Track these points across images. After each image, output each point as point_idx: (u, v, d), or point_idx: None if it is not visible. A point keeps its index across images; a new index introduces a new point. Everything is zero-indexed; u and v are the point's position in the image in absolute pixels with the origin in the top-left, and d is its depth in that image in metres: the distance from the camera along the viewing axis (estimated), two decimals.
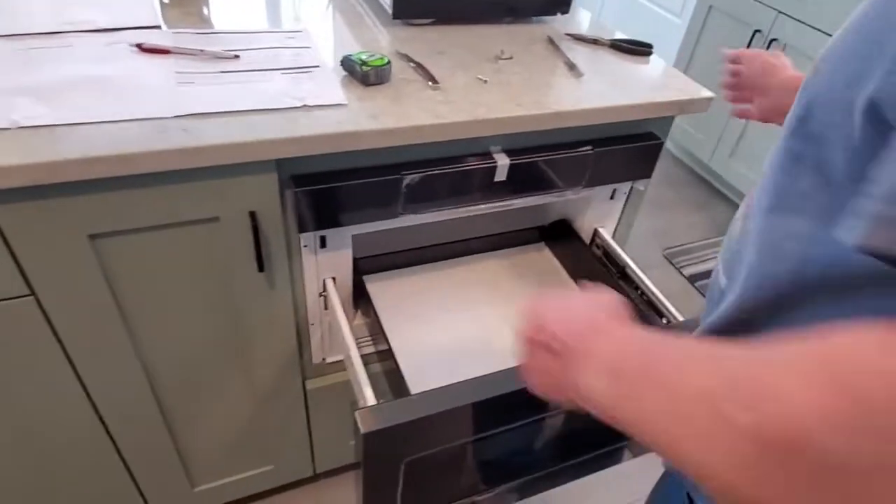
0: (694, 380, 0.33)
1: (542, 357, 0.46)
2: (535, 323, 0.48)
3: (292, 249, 0.83)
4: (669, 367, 0.35)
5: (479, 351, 0.92)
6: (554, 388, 0.46)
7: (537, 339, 0.47)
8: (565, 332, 0.44)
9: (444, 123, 0.76)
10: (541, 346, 0.46)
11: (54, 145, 0.62)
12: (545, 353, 0.46)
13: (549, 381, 0.47)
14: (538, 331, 0.47)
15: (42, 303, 0.72)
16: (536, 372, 0.48)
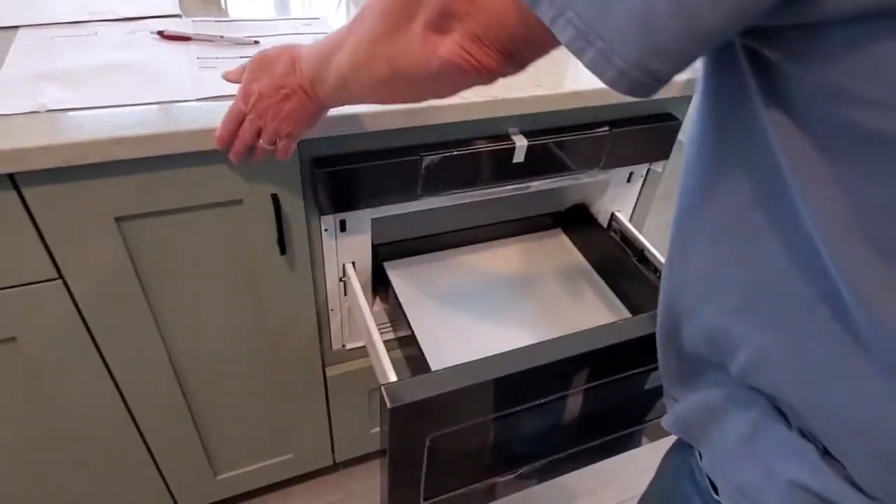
0: None
1: (283, 108, 0.59)
2: (256, 90, 0.60)
3: (313, 233, 0.84)
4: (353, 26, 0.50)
5: (500, 335, 0.92)
6: (303, 118, 0.61)
7: (269, 103, 0.60)
8: (281, 80, 0.58)
9: (464, 103, 0.76)
10: (275, 103, 0.59)
11: (82, 127, 0.63)
12: (282, 104, 0.59)
13: (298, 117, 0.60)
14: (263, 98, 0.60)
15: (70, 286, 0.73)
16: (287, 121, 0.60)
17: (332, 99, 0.57)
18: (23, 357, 0.77)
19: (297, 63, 0.57)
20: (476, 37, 0.39)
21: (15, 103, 0.65)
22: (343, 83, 0.52)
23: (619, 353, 0.69)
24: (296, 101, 0.58)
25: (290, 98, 0.58)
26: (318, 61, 0.54)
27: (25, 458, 0.89)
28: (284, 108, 0.59)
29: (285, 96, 0.58)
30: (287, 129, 0.61)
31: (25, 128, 0.62)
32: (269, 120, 0.60)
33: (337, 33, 0.52)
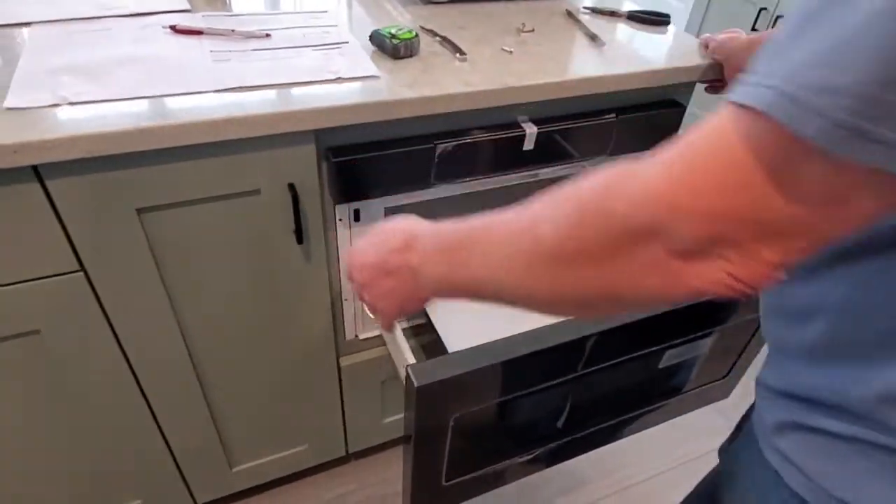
0: (510, 220, 0.42)
1: (382, 285, 0.54)
2: (357, 266, 0.56)
3: (328, 223, 0.85)
4: (482, 226, 0.44)
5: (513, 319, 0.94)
6: (401, 301, 0.54)
7: (369, 277, 0.55)
8: (386, 256, 0.53)
9: (476, 91, 0.77)
10: (375, 279, 0.54)
11: (104, 118, 0.64)
12: (382, 281, 0.54)
13: (394, 298, 0.54)
14: (363, 269, 0.55)
15: (91, 278, 0.74)
16: (383, 299, 0.55)
17: (443, 292, 0.49)
18: (45, 349, 0.78)
19: (413, 242, 0.51)
20: (757, 254, 0.32)
21: (35, 96, 0.66)
22: (477, 287, 0.45)
23: (635, 331, 0.71)
24: (396, 281, 0.52)
25: (391, 276, 0.53)
26: (440, 251, 0.48)
27: (45, 447, 0.90)
28: (384, 285, 0.54)
29: (387, 273, 0.53)
30: (382, 305, 0.56)
31: (47, 120, 0.63)
32: (366, 293, 0.56)
33: (466, 225, 0.45)
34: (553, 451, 0.85)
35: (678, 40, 0.99)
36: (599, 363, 0.73)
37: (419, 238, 0.51)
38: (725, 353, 0.88)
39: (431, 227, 0.51)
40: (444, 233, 0.48)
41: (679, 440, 1.44)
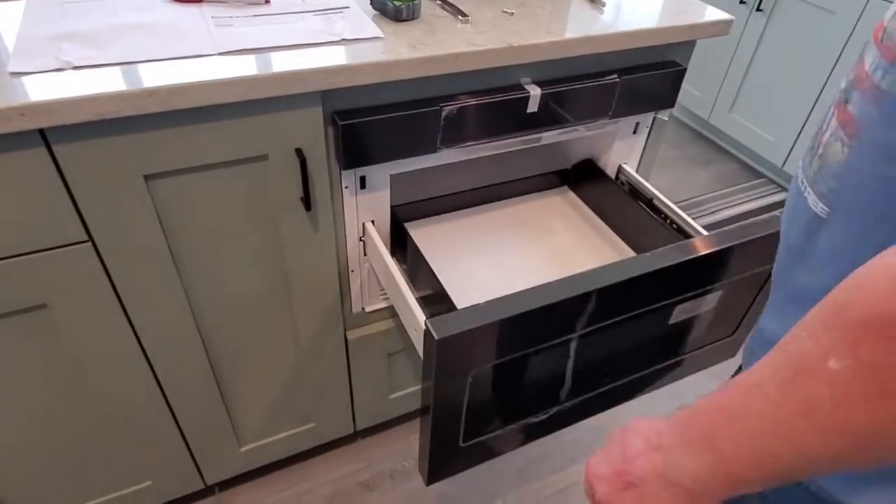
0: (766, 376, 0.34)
1: (625, 501, 0.43)
2: (595, 480, 0.46)
3: (334, 190, 0.85)
4: (734, 395, 0.36)
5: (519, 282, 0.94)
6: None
7: (609, 491, 0.44)
8: (623, 464, 0.43)
9: (480, 51, 0.77)
10: (615, 493, 0.44)
11: (108, 81, 0.63)
12: (624, 496, 0.43)
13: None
14: (603, 484, 0.45)
15: (99, 248, 0.73)
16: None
17: (712, 493, 0.38)
18: (53, 324, 0.77)
19: (658, 438, 0.41)
20: None
21: (39, 62, 0.65)
22: (758, 466, 0.34)
23: (645, 285, 0.71)
24: (641, 493, 0.41)
25: (633, 489, 0.42)
26: (692, 438, 0.38)
27: (53, 425, 0.89)
28: (623, 500, 0.43)
29: (627, 485, 0.43)
30: None
31: (53, 84, 0.62)
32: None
33: (711, 397, 0.37)
34: (566, 412, 0.86)
35: (676, 2, 0.99)
36: (612, 317, 0.73)
37: (661, 434, 0.41)
38: (732, 310, 0.89)
39: (669, 419, 0.41)
40: (691, 418, 0.39)
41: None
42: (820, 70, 1.86)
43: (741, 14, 2.05)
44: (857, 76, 0.41)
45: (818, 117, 1.90)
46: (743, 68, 2.11)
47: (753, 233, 0.75)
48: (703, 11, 0.95)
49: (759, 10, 1.99)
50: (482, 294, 0.67)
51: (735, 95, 2.17)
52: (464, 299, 0.84)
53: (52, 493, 0.97)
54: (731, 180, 2.23)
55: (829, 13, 1.80)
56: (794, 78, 1.95)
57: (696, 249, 0.73)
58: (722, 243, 0.74)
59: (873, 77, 0.38)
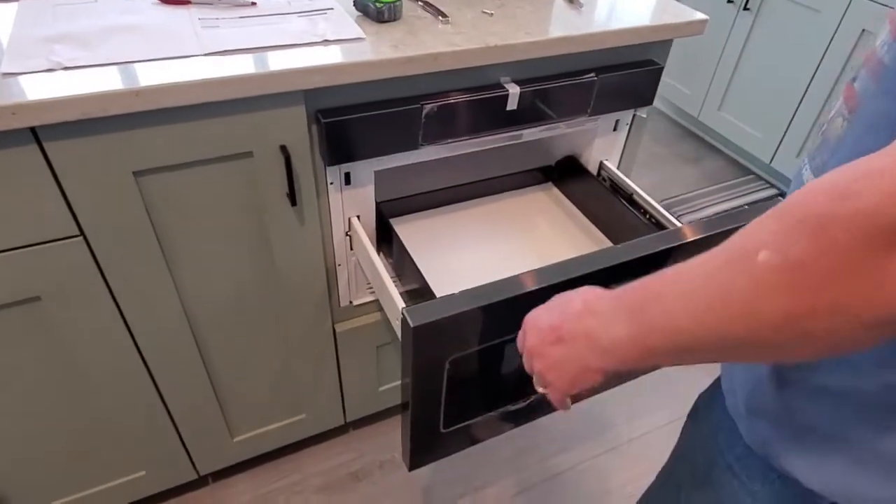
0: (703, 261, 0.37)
1: (551, 353, 0.48)
2: (531, 329, 0.50)
3: (320, 186, 0.87)
4: (670, 276, 0.39)
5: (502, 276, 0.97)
6: (574, 373, 0.47)
7: (539, 342, 0.49)
8: (560, 320, 0.47)
9: (459, 51, 0.80)
10: (545, 345, 0.48)
11: (99, 81, 0.66)
12: (552, 349, 0.48)
13: (565, 370, 0.47)
14: (535, 334, 0.49)
15: (90, 243, 0.76)
16: (552, 370, 0.48)
17: (631, 360, 0.42)
18: (46, 316, 0.79)
19: (593, 304, 0.45)
20: None
21: (30, 63, 0.67)
22: (678, 343, 0.38)
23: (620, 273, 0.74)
24: (569, 349, 0.46)
25: (563, 344, 0.47)
26: (626, 310, 0.42)
27: (47, 417, 0.92)
28: (553, 353, 0.48)
29: (557, 339, 0.47)
30: (551, 378, 0.49)
31: (44, 84, 0.65)
32: (536, 362, 0.50)
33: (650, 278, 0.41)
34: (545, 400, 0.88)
35: (653, 2, 1.02)
36: None
37: (600, 300, 0.45)
38: None
39: (613, 290, 0.45)
40: (627, 291, 0.43)
41: (665, 401, 1.48)
42: (806, 68, 1.88)
43: (729, 13, 2.08)
44: (868, 55, 0.43)
45: (805, 114, 1.92)
46: (731, 67, 2.13)
47: (722, 225, 0.78)
48: (679, 11, 0.98)
49: (747, 9, 2.01)
50: (463, 286, 0.69)
51: (724, 93, 2.20)
52: (446, 293, 0.87)
53: (47, 482, 1.00)
54: (719, 177, 2.25)
55: (814, 12, 1.83)
56: (781, 76, 1.98)
57: (666, 241, 0.76)
58: (693, 235, 0.77)
59: (879, 52, 0.41)
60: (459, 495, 1.26)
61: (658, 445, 1.39)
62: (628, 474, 1.32)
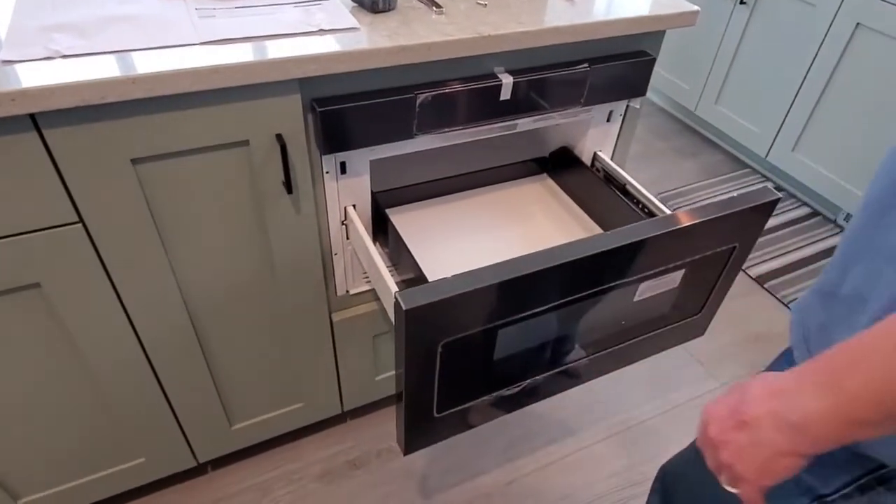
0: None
1: (736, 440, 0.45)
2: (710, 419, 0.48)
3: (315, 175, 0.89)
4: (857, 343, 0.38)
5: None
6: (762, 460, 0.44)
7: (720, 429, 0.46)
8: (739, 403, 0.45)
9: (452, 40, 0.81)
10: (727, 431, 0.46)
11: (97, 69, 0.67)
12: (736, 435, 0.45)
13: (756, 455, 0.44)
14: (716, 423, 0.47)
15: (89, 229, 0.77)
16: (739, 459, 0.45)
17: (830, 436, 0.39)
18: (46, 302, 0.81)
19: (777, 385, 0.43)
20: None
21: (29, 51, 0.68)
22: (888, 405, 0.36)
23: (609, 261, 0.75)
24: (752, 432, 0.43)
25: (745, 428, 0.44)
26: (817, 382, 0.40)
27: (47, 405, 0.93)
28: (736, 440, 0.45)
29: (739, 423, 0.44)
30: (740, 468, 0.45)
31: (43, 71, 0.66)
32: (720, 453, 0.47)
33: (846, 344, 0.39)
34: (538, 385, 0.90)
35: None
36: (576, 292, 0.77)
37: (779, 379, 0.43)
38: (697, 289, 0.93)
39: (790, 371, 0.43)
40: (808, 366, 0.41)
41: (661, 389, 1.49)
42: (801, 61, 1.89)
43: (725, 7, 2.09)
44: None
45: (800, 109, 1.93)
46: (728, 61, 2.14)
47: (712, 213, 0.79)
48: (671, 2, 0.99)
49: (743, 2, 2.02)
50: (456, 272, 0.70)
51: (720, 87, 2.21)
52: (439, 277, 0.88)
53: (47, 469, 1.01)
54: (716, 171, 2.26)
55: (809, 5, 1.83)
56: (777, 69, 1.99)
57: (656, 227, 0.77)
58: (682, 222, 0.78)
59: None
60: (455, 483, 1.28)
61: (649, 436, 1.40)
62: (620, 464, 1.34)
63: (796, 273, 1.83)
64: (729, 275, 0.94)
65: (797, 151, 2.00)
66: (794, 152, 2.00)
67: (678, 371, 1.55)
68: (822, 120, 1.89)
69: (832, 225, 2.02)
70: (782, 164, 2.06)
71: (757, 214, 0.84)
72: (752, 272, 1.83)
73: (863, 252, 0.50)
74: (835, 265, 0.54)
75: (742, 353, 1.59)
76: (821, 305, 0.55)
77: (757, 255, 1.89)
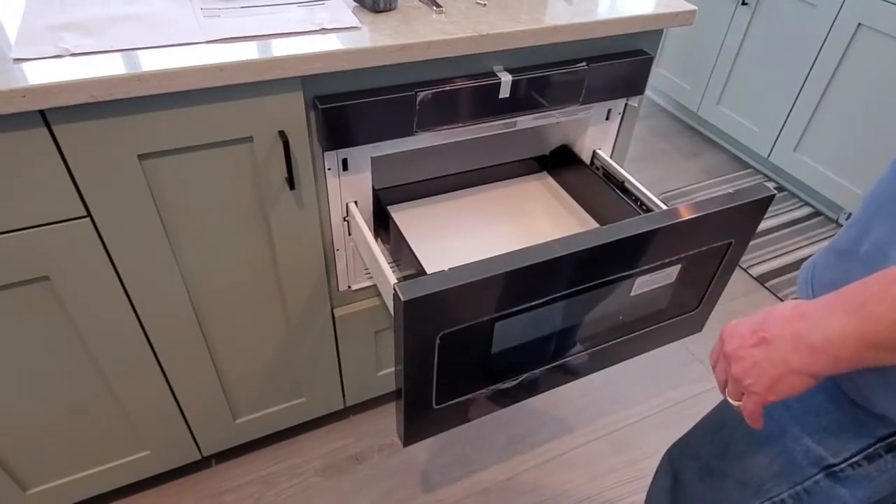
0: None
1: (752, 355, 0.47)
2: (728, 336, 0.50)
3: (318, 171, 0.90)
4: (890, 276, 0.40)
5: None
6: (775, 376, 0.46)
7: (738, 345, 0.48)
8: (763, 322, 0.47)
9: (451, 39, 0.83)
10: (744, 348, 0.48)
11: (105, 66, 0.69)
12: (752, 350, 0.47)
13: (765, 372, 0.46)
14: (735, 339, 0.49)
15: (97, 223, 0.79)
16: (751, 373, 0.47)
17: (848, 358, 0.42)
18: (54, 295, 0.83)
19: (803, 308, 0.45)
20: None
21: (39, 49, 0.70)
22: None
23: (606, 254, 0.77)
24: (771, 350, 0.46)
25: (765, 345, 0.46)
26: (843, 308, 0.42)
27: (54, 396, 0.95)
28: (752, 355, 0.47)
29: (759, 340, 0.47)
30: (748, 382, 0.48)
31: (52, 69, 0.68)
32: (731, 366, 0.49)
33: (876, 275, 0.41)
34: (535, 379, 0.91)
35: None
36: (573, 286, 0.78)
37: (809, 304, 0.45)
38: (694, 284, 0.94)
39: (820, 297, 0.45)
40: (840, 293, 0.43)
41: (660, 387, 1.50)
42: (803, 62, 1.90)
43: (727, 8, 2.10)
44: None
45: (802, 109, 1.94)
46: (730, 61, 2.15)
47: (707, 208, 0.81)
48: (669, 1, 1.00)
49: (745, 3, 2.03)
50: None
51: (722, 88, 2.22)
52: None
53: (53, 460, 1.03)
54: (718, 171, 2.27)
55: (810, 6, 1.84)
56: (779, 70, 1.99)
57: (652, 222, 0.78)
58: (678, 217, 0.79)
59: None
60: (455, 479, 1.29)
61: (648, 433, 1.41)
62: (618, 460, 1.35)
63: (797, 272, 1.83)
64: (726, 270, 0.95)
65: (799, 151, 2.00)
66: (796, 152, 2.01)
67: (678, 369, 1.55)
68: (823, 120, 1.90)
69: (834, 225, 2.03)
70: (784, 164, 2.07)
71: (752, 210, 0.85)
72: (753, 271, 1.84)
73: (888, 208, 0.51)
74: (855, 222, 0.55)
75: None
76: (837, 262, 0.55)
77: (758, 255, 1.89)
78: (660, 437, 1.40)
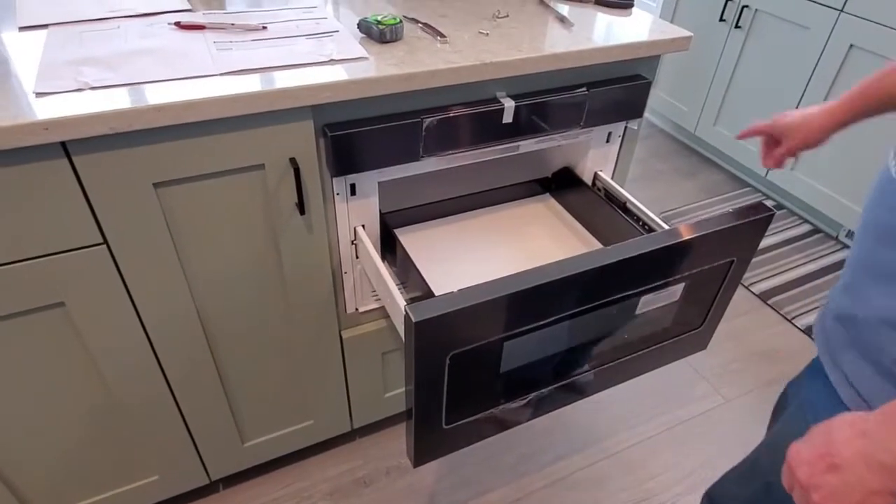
0: None
1: (828, 482, 0.46)
2: (797, 464, 0.49)
3: (326, 196, 0.92)
4: None
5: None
6: (860, 499, 0.45)
7: (810, 473, 0.48)
8: (827, 447, 0.46)
9: (456, 67, 0.85)
10: (817, 475, 0.47)
11: (123, 99, 0.71)
12: (827, 478, 0.46)
13: (850, 496, 0.45)
14: (805, 467, 0.48)
15: (112, 250, 0.81)
16: (833, 501, 0.46)
17: None
18: (69, 321, 0.84)
19: (863, 422, 0.45)
20: None
21: (60, 83, 0.73)
22: None
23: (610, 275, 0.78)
24: (844, 475, 0.45)
25: (836, 471, 0.45)
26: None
27: (66, 420, 0.96)
28: (828, 482, 0.46)
29: (830, 466, 0.46)
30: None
31: (74, 102, 0.70)
32: (812, 496, 0.47)
33: None
34: (543, 398, 0.92)
35: (641, 21, 1.08)
36: (579, 305, 0.80)
37: (865, 421, 0.45)
38: (697, 302, 0.96)
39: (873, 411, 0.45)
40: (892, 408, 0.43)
41: (668, 406, 1.50)
42: (797, 82, 1.94)
43: (721, 31, 2.15)
44: None
45: None
46: (725, 82, 2.19)
47: (708, 227, 0.82)
48: (665, 28, 1.04)
49: (738, 26, 2.08)
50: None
51: (719, 108, 2.25)
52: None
53: (63, 485, 1.04)
54: (716, 190, 2.30)
55: (803, 28, 1.89)
56: (774, 90, 2.03)
57: (655, 242, 0.80)
58: (680, 237, 0.81)
59: None
60: (463, 500, 1.29)
61: (655, 453, 1.41)
62: (625, 480, 1.35)
63: (800, 289, 1.85)
64: (728, 288, 0.97)
65: (796, 170, 2.03)
66: (794, 171, 2.04)
67: (684, 388, 1.56)
68: None
69: (834, 241, 2.05)
70: (782, 183, 2.10)
71: (753, 228, 0.87)
72: (755, 289, 1.85)
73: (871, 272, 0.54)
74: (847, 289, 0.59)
75: (747, 369, 1.61)
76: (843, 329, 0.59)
77: (760, 272, 1.91)
78: (668, 457, 1.40)
